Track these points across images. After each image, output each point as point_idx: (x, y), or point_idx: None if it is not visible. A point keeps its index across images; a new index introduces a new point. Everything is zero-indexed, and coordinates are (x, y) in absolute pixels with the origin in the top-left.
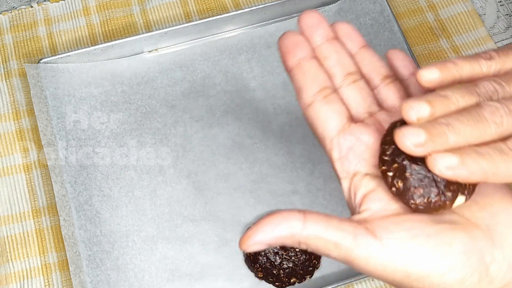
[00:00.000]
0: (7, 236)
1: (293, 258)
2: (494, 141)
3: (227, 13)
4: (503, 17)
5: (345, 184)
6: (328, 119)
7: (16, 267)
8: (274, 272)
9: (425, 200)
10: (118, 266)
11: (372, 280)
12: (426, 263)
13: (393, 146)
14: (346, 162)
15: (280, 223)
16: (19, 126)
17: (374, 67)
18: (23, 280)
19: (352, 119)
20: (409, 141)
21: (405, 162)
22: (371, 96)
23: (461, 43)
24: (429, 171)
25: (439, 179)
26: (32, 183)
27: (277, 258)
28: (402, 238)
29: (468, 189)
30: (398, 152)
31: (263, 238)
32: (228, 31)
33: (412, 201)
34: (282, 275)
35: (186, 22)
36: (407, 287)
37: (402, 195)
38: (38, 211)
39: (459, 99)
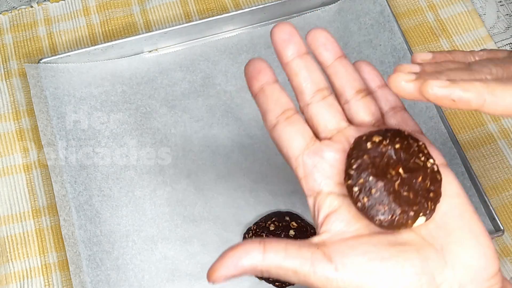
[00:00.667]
0: (7, 236)
1: None
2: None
3: (227, 13)
4: (503, 17)
5: (310, 202)
6: (291, 139)
7: (16, 267)
8: None
9: (389, 218)
10: (118, 266)
11: None
12: (380, 286)
13: (359, 161)
14: (311, 181)
15: (242, 257)
16: (19, 126)
17: (347, 80)
18: (23, 280)
19: (318, 138)
20: (400, 78)
21: (371, 178)
22: (340, 113)
23: (461, 43)
24: (394, 188)
25: (403, 198)
26: (32, 183)
27: None
28: (357, 262)
29: (429, 209)
30: (364, 167)
31: (227, 272)
32: (228, 31)
33: (376, 218)
34: None
35: (186, 22)
36: None
37: (366, 211)
38: (38, 211)
39: (455, 62)
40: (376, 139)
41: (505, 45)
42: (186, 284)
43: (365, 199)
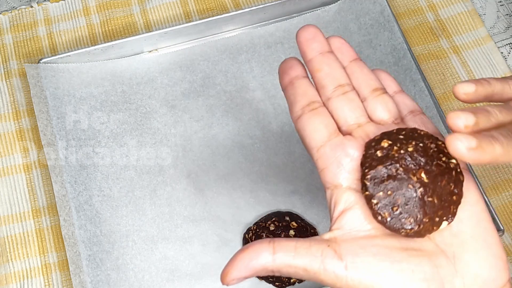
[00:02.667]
0: (7, 236)
1: None
2: None
3: (227, 13)
4: (503, 17)
5: (328, 195)
6: (314, 130)
7: (16, 267)
8: None
9: (416, 228)
10: (118, 266)
11: None
12: None
13: (372, 172)
14: (330, 173)
15: (252, 258)
16: (19, 126)
17: (363, 79)
18: (23, 280)
19: (340, 131)
20: (462, 144)
21: (390, 188)
22: (360, 108)
23: (461, 43)
24: (417, 197)
25: (428, 205)
26: (32, 183)
27: None
28: (368, 263)
29: (451, 213)
30: (380, 179)
31: (239, 274)
32: (228, 31)
33: (401, 230)
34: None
35: (186, 22)
36: None
37: (389, 226)
38: (38, 211)
39: (498, 113)
40: (385, 143)
41: (505, 45)
42: (186, 284)
43: (387, 214)
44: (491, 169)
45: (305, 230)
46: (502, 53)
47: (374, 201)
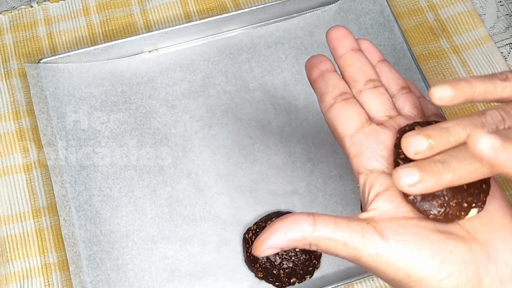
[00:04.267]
0: (7, 236)
1: (293, 258)
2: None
3: (227, 13)
4: (503, 17)
5: (361, 180)
6: (347, 118)
7: (16, 267)
8: (274, 272)
9: (443, 211)
10: (118, 266)
11: (372, 280)
12: (427, 267)
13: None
14: (364, 158)
15: (292, 227)
16: (19, 126)
17: (391, 78)
18: (23, 280)
19: (372, 121)
20: (403, 181)
21: None
22: (391, 102)
23: (461, 43)
24: None
25: (457, 188)
26: (32, 183)
27: (277, 258)
28: (408, 241)
29: (481, 201)
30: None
31: (276, 243)
32: (228, 31)
33: (430, 212)
34: (282, 275)
35: (186, 22)
36: (405, 287)
37: (419, 206)
38: (38, 211)
39: (460, 131)
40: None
41: (505, 45)
42: (186, 284)
43: (417, 196)
44: None
45: None
46: (502, 53)
47: None
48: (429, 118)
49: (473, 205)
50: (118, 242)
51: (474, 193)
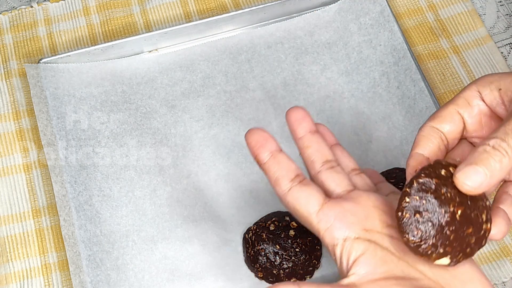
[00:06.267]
0: (7, 236)
1: (293, 258)
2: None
3: (227, 13)
4: (503, 17)
5: (338, 251)
6: (309, 198)
7: (16, 267)
8: (274, 272)
9: (418, 242)
10: (118, 266)
11: None
12: None
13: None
14: (335, 230)
15: None
16: (19, 126)
17: (343, 160)
18: (23, 280)
19: (331, 197)
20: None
21: (426, 201)
22: (347, 178)
23: (461, 43)
24: (439, 222)
25: (445, 234)
26: (32, 183)
27: (277, 258)
28: None
29: (457, 259)
30: (427, 189)
31: None
32: (228, 31)
33: (406, 236)
34: (282, 275)
35: (186, 22)
36: None
37: (402, 224)
38: (38, 211)
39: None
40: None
41: (505, 45)
42: (186, 284)
43: (407, 214)
44: None
45: (305, 230)
46: (502, 53)
47: (407, 199)
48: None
49: (448, 256)
50: (118, 242)
51: (454, 248)
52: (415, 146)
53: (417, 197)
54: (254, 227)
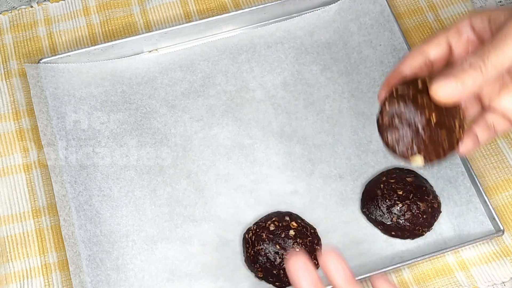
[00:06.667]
0: (7, 236)
1: None
2: None
3: (227, 13)
4: None
5: None
6: None
7: (16, 267)
8: (274, 272)
9: (395, 142)
10: (118, 266)
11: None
12: None
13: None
14: None
15: None
16: (19, 126)
17: None
18: (23, 280)
19: None
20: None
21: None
22: None
23: None
24: (416, 124)
25: (420, 135)
26: (32, 183)
27: (277, 258)
28: None
29: (431, 158)
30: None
31: None
32: (228, 31)
33: (385, 138)
34: (282, 275)
35: (186, 22)
36: None
37: (381, 130)
38: (38, 211)
39: None
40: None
41: None
42: (186, 284)
43: (386, 118)
44: (491, 169)
45: (305, 230)
46: None
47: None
48: None
49: (423, 156)
50: (118, 242)
51: (429, 150)
52: (399, 64)
53: (396, 105)
54: (254, 227)
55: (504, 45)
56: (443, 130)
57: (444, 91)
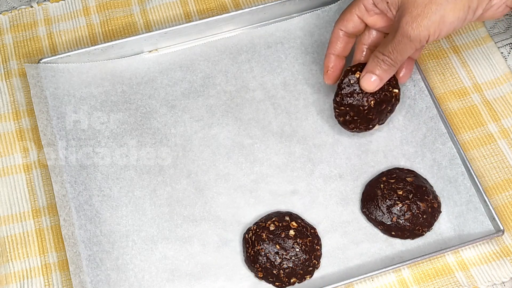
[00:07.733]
0: (7, 236)
1: (293, 258)
2: None
3: (227, 13)
4: (503, 17)
5: None
6: None
7: (16, 267)
8: (274, 272)
9: (346, 120)
10: (118, 266)
11: (372, 280)
12: None
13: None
14: None
15: None
16: (19, 126)
17: None
18: (23, 280)
19: None
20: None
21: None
22: None
23: (461, 43)
24: (362, 104)
25: (365, 114)
26: (32, 183)
27: (277, 258)
28: None
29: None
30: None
31: None
32: (228, 31)
33: (337, 117)
34: (282, 275)
35: (186, 22)
36: None
37: (335, 110)
38: (38, 211)
39: None
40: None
41: (505, 45)
42: (186, 284)
43: (337, 98)
44: (491, 169)
45: (305, 230)
46: (502, 53)
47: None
48: None
49: (376, 124)
50: (118, 242)
51: (374, 120)
52: (328, 48)
53: (347, 88)
54: (254, 227)
55: (403, 43)
56: (383, 104)
57: (368, 84)
